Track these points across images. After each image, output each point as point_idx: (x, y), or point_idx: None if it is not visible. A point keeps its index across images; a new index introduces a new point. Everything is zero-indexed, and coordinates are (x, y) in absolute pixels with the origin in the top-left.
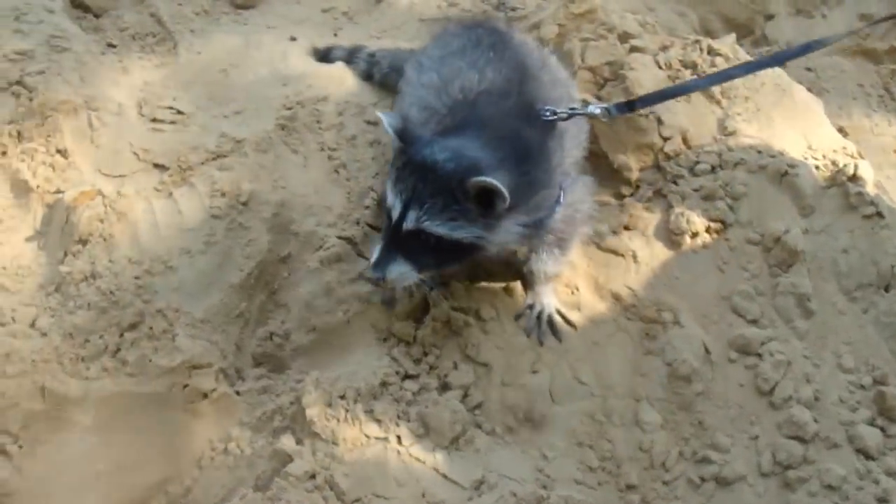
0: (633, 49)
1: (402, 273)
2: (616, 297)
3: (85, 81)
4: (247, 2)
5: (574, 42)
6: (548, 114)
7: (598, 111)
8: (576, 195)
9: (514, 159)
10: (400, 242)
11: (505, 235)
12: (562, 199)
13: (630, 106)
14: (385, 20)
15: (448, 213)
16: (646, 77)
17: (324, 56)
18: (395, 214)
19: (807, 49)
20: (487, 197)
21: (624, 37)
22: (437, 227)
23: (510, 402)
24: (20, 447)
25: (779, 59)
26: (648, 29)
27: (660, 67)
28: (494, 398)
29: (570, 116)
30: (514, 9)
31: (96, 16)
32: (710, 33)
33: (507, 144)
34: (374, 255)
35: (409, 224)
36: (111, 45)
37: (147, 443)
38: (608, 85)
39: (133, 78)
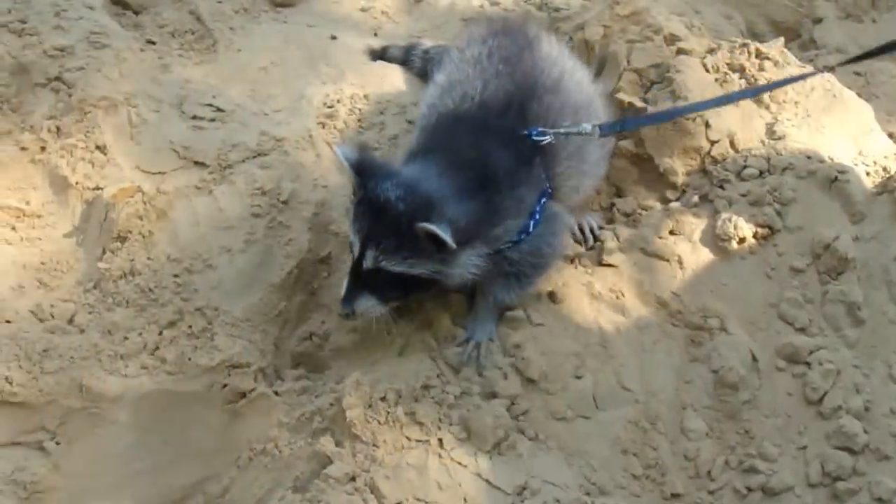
0: (680, 51)
1: (369, 307)
2: (661, 303)
3: (125, 78)
4: (286, 0)
5: (620, 44)
6: (536, 135)
7: (588, 129)
8: (547, 228)
9: (474, 188)
10: (364, 278)
11: (463, 269)
12: (530, 230)
13: (621, 125)
14: (425, 20)
15: (403, 253)
16: (692, 80)
17: (380, 56)
18: (356, 252)
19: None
20: (437, 238)
21: (670, 39)
22: (394, 266)
23: (553, 408)
24: (57, 444)
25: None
26: (695, 31)
27: (707, 70)
28: (538, 403)
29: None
30: (557, 10)
31: (135, 13)
32: (756, 37)
33: (470, 171)
34: (343, 290)
35: (367, 263)
36: (150, 42)
37: (185, 442)
38: (654, 87)
39: (172, 75)
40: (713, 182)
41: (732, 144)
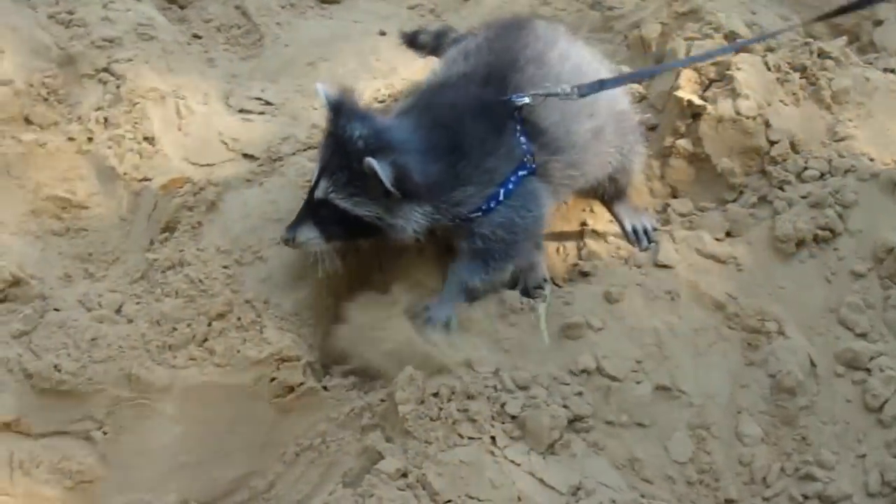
0: (741, 49)
1: (310, 238)
2: (718, 306)
3: (172, 71)
4: None
5: (678, 41)
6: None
7: (567, 89)
8: (520, 200)
9: (442, 149)
10: (314, 209)
11: (406, 222)
12: (500, 198)
13: (600, 85)
14: (473, 18)
15: (351, 188)
16: (754, 79)
17: (411, 40)
18: (312, 181)
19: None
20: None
21: (730, 36)
22: (341, 201)
23: (610, 412)
24: (104, 434)
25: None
26: (755, 30)
27: (768, 69)
28: (595, 406)
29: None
30: (610, 8)
31: (181, 7)
32: (813, 39)
33: (442, 133)
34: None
35: (319, 193)
36: (196, 37)
37: (232, 435)
38: (713, 86)
39: (219, 69)
40: (772, 183)
41: (793, 145)
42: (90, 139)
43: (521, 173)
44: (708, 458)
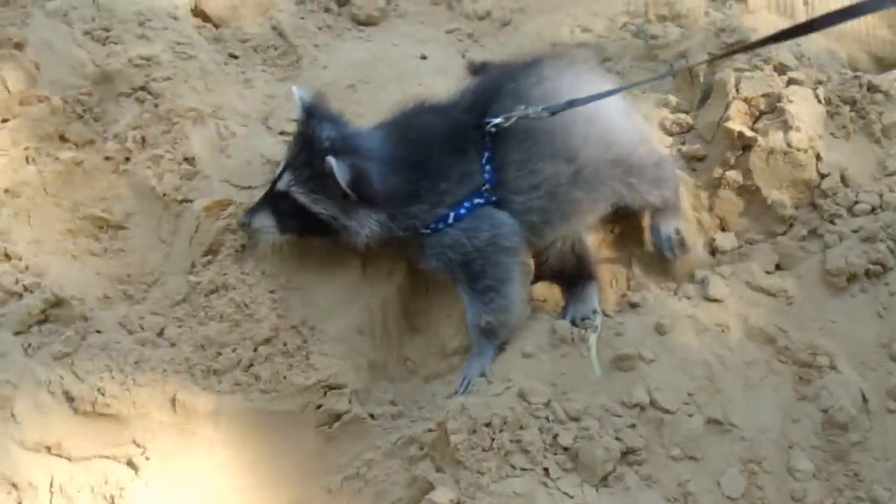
0: (791, 81)
1: (265, 226)
2: (768, 339)
3: (210, 91)
4: (370, 19)
5: (727, 72)
6: (486, 123)
7: (538, 110)
8: (471, 223)
9: (405, 163)
10: (274, 199)
11: (360, 226)
12: (449, 220)
13: (569, 104)
14: (511, 44)
15: (311, 185)
16: (805, 111)
17: (478, 70)
18: (276, 173)
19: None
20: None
21: (780, 68)
22: (300, 195)
23: (662, 445)
24: (147, 459)
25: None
26: (804, 62)
27: (819, 101)
28: (648, 440)
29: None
30: (654, 37)
31: (216, 26)
32: (858, 72)
33: (408, 149)
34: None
35: (280, 185)
36: (233, 56)
37: (276, 463)
38: (764, 118)
39: (257, 90)
40: (823, 216)
41: (843, 179)
42: (128, 159)
43: (476, 200)
44: (760, 494)
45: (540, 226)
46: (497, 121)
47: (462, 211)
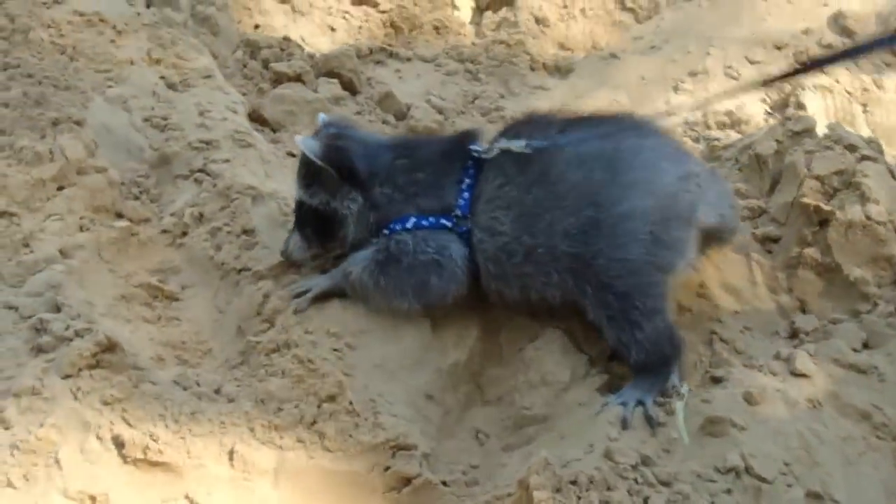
0: (864, 158)
1: (296, 245)
2: (863, 415)
3: (270, 177)
4: (427, 131)
5: (797, 154)
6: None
7: (522, 145)
8: (425, 236)
9: (393, 162)
10: (298, 221)
11: (344, 207)
12: (405, 226)
13: (553, 141)
14: None
15: (308, 180)
16: (880, 186)
17: None
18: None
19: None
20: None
21: (851, 148)
22: (304, 196)
23: None
24: None
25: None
26: (872, 146)
27: (893, 177)
28: None
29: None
30: (715, 139)
31: (273, 130)
32: None
33: (401, 152)
34: None
35: (295, 196)
36: (291, 155)
37: None
38: (838, 195)
39: None
40: None
41: None
42: (185, 233)
43: (442, 220)
44: None
45: (495, 281)
46: (480, 149)
47: (423, 223)
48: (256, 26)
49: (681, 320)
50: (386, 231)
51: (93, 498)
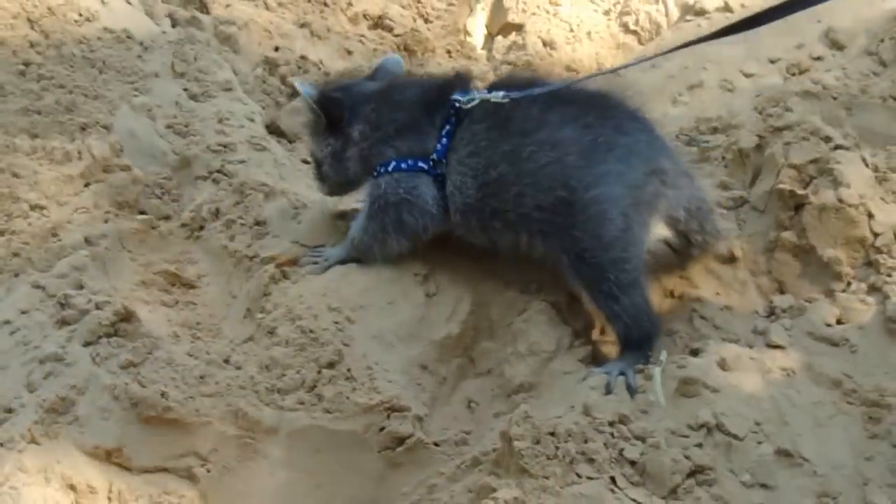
0: (839, 147)
1: (320, 188)
2: (835, 383)
3: (283, 179)
4: None
5: (776, 146)
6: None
7: (500, 95)
8: (401, 179)
9: (381, 105)
10: (314, 170)
11: (343, 149)
12: (386, 169)
13: (531, 91)
14: None
15: (311, 128)
16: (853, 172)
17: None
18: None
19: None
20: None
21: (827, 139)
22: (311, 143)
23: (732, 469)
24: (208, 471)
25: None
26: (849, 139)
27: (866, 165)
28: (716, 461)
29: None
30: (706, 141)
31: (290, 141)
32: None
33: (389, 95)
34: None
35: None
36: (305, 162)
37: (337, 487)
38: (813, 182)
39: None
40: (880, 270)
41: None
42: (202, 227)
43: (419, 164)
44: None
45: (463, 220)
46: (461, 99)
47: (402, 165)
48: (276, 48)
49: (664, 302)
50: (374, 175)
51: (108, 452)
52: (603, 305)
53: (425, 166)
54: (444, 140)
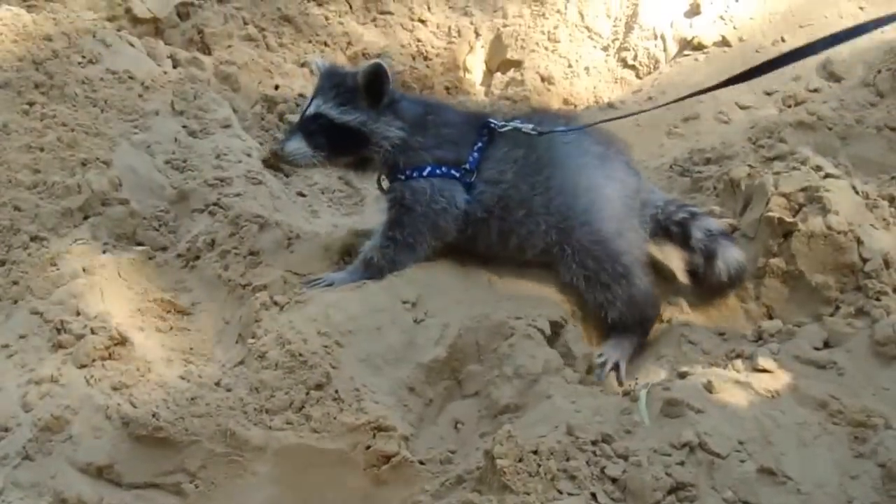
0: (828, 176)
1: (298, 147)
2: (821, 404)
3: (279, 211)
4: None
5: (767, 176)
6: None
7: (529, 128)
8: (439, 185)
9: (426, 114)
10: (303, 125)
11: (385, 131)
12: (422, 174)
13: (562, 129)
14: None
15: (341, 100)
16: (843, 199)
17: None
18: (304, 106)
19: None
20: (376, 86)
21: (817, 168)
22: (331, 110)
23: (715, 486)
24: (196, 487)
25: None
26: (840, 168)
27: (856, 193)
28: (699, 479)
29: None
30: (699, 172)
31: (286, 175)
32: None
33: (431, 109)
34: None
35: (310, 110)
36: (301, 195)
37: (323, 502)
38: (802, 210)
39: (323, 220)
40: (869, 295)
41: (886, 263)
42: (197, 258)
43: (452, 171)
44: None
45: (485, 227)
46: (497, 123)
47: (437, 171)
48: (276, 87)
49: (654, 327)
50: (401, 176)
51: (99, 470)
52: (599, 294)
53: (457, 174)
54: (477, 154)
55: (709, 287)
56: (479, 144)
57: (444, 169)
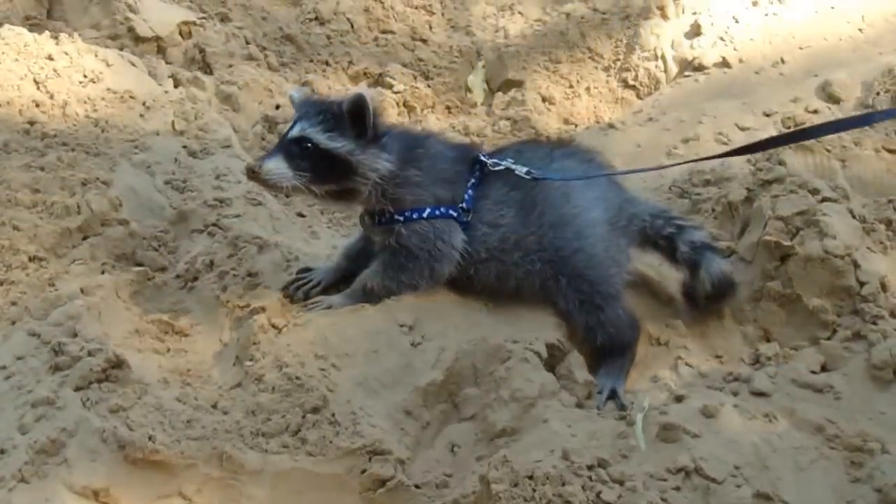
0: (826, 199)
1: (277, 167)
2: (817, 428)
3: (278, 232)
4: None
5: (764, 199)
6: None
7: (522, 171)
8: (438, 226)
9: (413, 149)
10: (285, 146)
11: (372, 161)
12: (413, 216)
13: (555, 177)
14: None
15: (327, 126)
16: (840, 224)
17: None
18: (287, 129)
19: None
20: (360, 117)
21: (814, 192)
22: (316, 134)
23: None
24: None
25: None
26: (838, 192)
27: (853, 217)
28: (694, 501)
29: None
30: (697, 194)
31: (286, 195)
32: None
33: (418, 142)
34: None
35: (294, 132)
36: (300, 215)
37: None
38: (799, 234)
39: (322, 241)
40: (865, 319)
41: (883, 286)
42: (196, 278)
43: (450, 211)
44: None
45: (485, 269)
46: (489, 160)
47: (437, 212)
48: (277, 106)
49: (651, 350)
50: (400, 217)
51: (95, 493)
52: (591, 317)
53: (455, 214)
54: (471, 191)
55: (696, 301)
56: (473, 181)
57: (443, 209)
